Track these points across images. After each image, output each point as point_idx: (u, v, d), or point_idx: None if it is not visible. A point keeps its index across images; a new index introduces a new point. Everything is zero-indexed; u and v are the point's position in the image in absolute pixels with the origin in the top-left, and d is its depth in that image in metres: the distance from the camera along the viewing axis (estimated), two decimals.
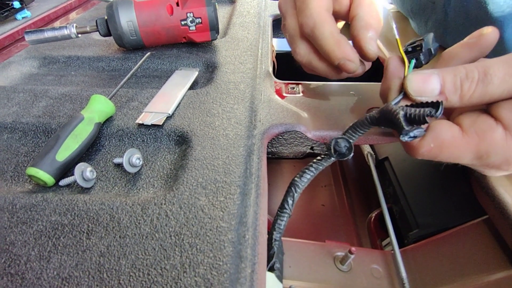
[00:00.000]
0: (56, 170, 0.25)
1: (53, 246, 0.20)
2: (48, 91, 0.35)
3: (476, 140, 0.20)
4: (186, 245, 0.20)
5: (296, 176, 0.25)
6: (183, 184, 0.24)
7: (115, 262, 0.19)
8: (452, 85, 0.21)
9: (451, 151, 0.21)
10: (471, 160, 0.21)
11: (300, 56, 0.29)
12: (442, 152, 0.21)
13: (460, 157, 0.21)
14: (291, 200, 0.25)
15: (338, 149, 0.24)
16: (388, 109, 0.22)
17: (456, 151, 0.21)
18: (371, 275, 0.29)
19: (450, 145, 0.21)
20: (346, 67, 0.26)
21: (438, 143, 0.21)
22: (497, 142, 0.20)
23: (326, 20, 0.26)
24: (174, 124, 0.30)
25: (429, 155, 0.22)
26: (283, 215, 0.24)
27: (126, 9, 0.40)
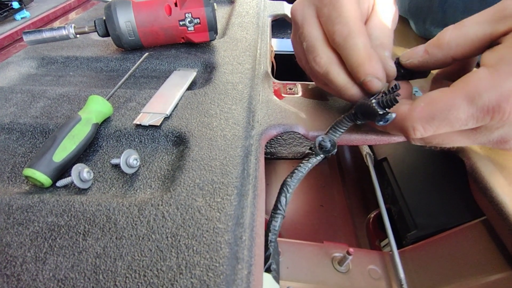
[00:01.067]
0: (53, 171, 0.25)
1: (49, 247, 0.20)
2: (46, 91, 0.35)
3: (462, 84, 0.20)
4: (183, 247, 0.20)
5: (287, 176, 0.26)
6: (180, 185, 0.24)
7: (111, 263, 0.19)
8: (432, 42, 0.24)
9: (443, 105, 0.20)
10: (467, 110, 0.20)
11: (319, 66, 0.27)
12: (435, 109, 0.21)
13: (453, 109, 0.20)
14: (284, 200, 0.25)
15: (323, 145, 0.26)
16: (362, 102, 0.25)
17: (448, 103, 0.20)
18: (369, 276, 0.29)
19: (440, 99, 0.21)
20: (371, 84, 0.24)
21: (428, 100, 0.21)
22: (483, 78, 0.19)
23: (361, 31, 0.24)
24: (172, 125, 0.30)
25: (423, 118, 0.21)
26: (277, 216, 0.24)
27: (124, 10, 0.39)
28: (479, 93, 0.19)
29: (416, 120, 0.22)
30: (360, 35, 0.24)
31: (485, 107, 0.19)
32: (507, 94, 0.18)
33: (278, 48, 0.64)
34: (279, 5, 0.60)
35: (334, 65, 0.26)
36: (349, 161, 0.55)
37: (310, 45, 0.27)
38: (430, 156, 0.38)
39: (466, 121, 0.20)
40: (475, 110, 0.19)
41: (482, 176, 0.27)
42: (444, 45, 0.23)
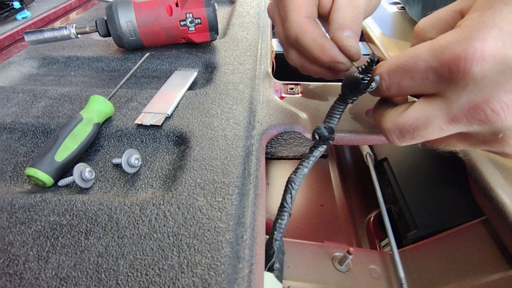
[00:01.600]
0: (55, 171, 0.25)
1: (51, 246, 0.20)
2: (47, 91, 0.35)
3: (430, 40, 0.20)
4: (184, 246, 0.20)
5: (292, 173, 0.26)
6: (182, 185, 0.24)
7: (113, 262, 0.19)
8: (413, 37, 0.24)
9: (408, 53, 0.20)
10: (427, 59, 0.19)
11: (292, 62, 0.30)
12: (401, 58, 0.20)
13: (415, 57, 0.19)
14: (290, 198, 0.25)
15: (319, 133, 0.26)
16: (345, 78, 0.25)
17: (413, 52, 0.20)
18: (369, 276, 0.29)
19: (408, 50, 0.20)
20: (336, 68, 0.27)
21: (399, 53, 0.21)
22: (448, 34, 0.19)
23: (306, 29, 0.27)
24: (173, 125, 0.30)
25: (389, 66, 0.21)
26: (283, 214, 0.24)
27: (126, 10, 0.40)
28: (439, 42, 0.19)
29: (384, 68, 0.21)
30: (306, 33, 0.26)
31: (442, 55, 0.18)
32: (463, 41, 0.17)
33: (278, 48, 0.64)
34: None
35: (303, 59, 0.29)
36: (350, 161, 0.55)
37: (281, 43, 0.30)
38: (430, 156, 0.38)
39: (426, 72, 0.19)
40: (433, 59, 0.18)
41: (482, 176, 0.27)
42: (420, 32, 0.23)
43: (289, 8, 0.28)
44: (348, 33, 0.27)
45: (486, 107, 0.18)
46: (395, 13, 0.58)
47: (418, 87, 0.20)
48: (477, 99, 0.18)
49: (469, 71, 0.17)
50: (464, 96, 0.18)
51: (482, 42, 0.17)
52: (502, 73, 0.17)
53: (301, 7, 0.28)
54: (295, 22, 0.27)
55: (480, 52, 0.17)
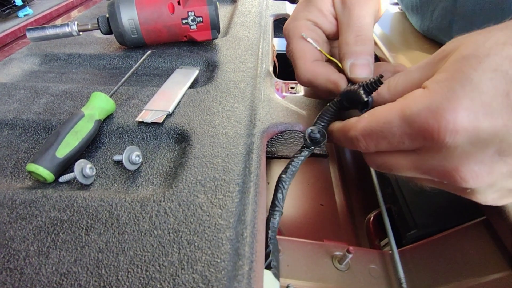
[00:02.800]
0: (56, 167, 0.25)
1: (52, 241, 0.20)
2: (49, 88, 0.35)
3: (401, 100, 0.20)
4: (185, 242, 0.20)
5: (282, 173, 0.26)
6: (182, 182, 0.24)
7: (113, 258, 0.20)
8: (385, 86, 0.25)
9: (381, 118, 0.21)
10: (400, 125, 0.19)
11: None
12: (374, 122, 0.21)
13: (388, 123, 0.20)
14: (281, 197, 0.25)
15: (313, 136, 0.27)
16: (347, 89, 0.26)
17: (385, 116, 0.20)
18: (368, 275, 0.29)
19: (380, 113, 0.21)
20: None
21: (371, 113, 0.22)
22: (417, 96, 0.19)
23: (317, 72, 0.28)
24: (174, 122, 0.30)
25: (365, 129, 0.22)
26: (275, 213, 0.25)
27: (128, 7, 0.40)
28: (411, 109, 0.19)
29: (359, 131, 0.22)
30: (318, 75, 0.28)
31: (415, 123, 0.18)
32: (435, 111, 0.18)
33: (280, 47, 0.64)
34: (281, 4, 0.60)
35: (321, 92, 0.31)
36: (350, 160, 0.55)
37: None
38: None
39: (401, 138, 0.20)
40: (407, 126, 0.19)
41: None
42: (392, 88, 0.24)
43: (295, 56, 0.29)
44: (351, 61, 0.27)
45: (456, 174, 0.18)
46: (396, 14, 0.58)
47: (395, 146, 0.21)
48: (449, 166, 0.18)
49: (442, 141, 0.18)
50: (436, 159, 0.19)
51: (454, 114, 0.17)
52: (473, 144, 0.17)
53: (306, 53, 0.29)
54: (303, 69, 0.29)
55: (453, 124, 0.17)
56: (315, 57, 0.29)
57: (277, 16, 0.57)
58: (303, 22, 0.30)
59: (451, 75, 0.18)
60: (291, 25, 0.31)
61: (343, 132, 0.24)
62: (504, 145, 0.17)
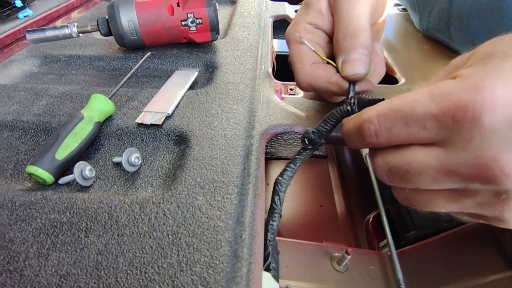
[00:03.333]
0: (56, 169, 0.25)
1: (51, 243, 0.21)
2: (48, 89, 0.35)
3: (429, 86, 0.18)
4: (183, 244, 0.20)
5: (279, 175, 0.26)
6: (181, 184, 0.24)
7: (112, 260, 0.20)
8: None
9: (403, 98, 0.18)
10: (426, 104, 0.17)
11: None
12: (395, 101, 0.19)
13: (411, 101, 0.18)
14: (279, 200, 0.25)
15: (307, 136, 0.26)
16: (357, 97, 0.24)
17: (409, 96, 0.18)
18: (367, 276, 0.29)
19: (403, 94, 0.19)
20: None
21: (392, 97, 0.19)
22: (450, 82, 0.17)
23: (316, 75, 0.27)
24: (173, 124, 0.30)
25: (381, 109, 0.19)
26: (274, 216, 0.25)
27: (127, 9, 0.40)
28: (441, 88, 0.17)
29: (373, 112, 0.19)
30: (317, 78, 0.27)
31: (445, 101, 0.16)
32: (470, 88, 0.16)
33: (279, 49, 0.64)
34: (280, 6, 0.60)
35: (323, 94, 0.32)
36: (349, 162, 0.55)
37: None
38: None
39: (423, 120, 0.17)
40: (434, 105, 0.16)
41: None
42: None
43: (294, 60, 0.29)
44: (342, 58, 0.26)
45: (494, 166, 0.15)
46: (395, 15, 0.58)
47: (413, 135, 0.18)
48: (485, 156, 0.15)
49: (478, 121, 0.15)
50: (469, 149, 0.16)
51: (491, 91, 0.15)
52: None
53: (304, 57, 0.28)
54: (302, 73, 0.28)
55: (490, 101, 0.15)
56: (314, 60, 0.28)
57: (277, 17, 0.57)
58: (303, 26, 0.30)
59: (481, 65, 0.17)
60: (290, 30, 0.30)
61: (356, 119, 0.21)
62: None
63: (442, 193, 0.19)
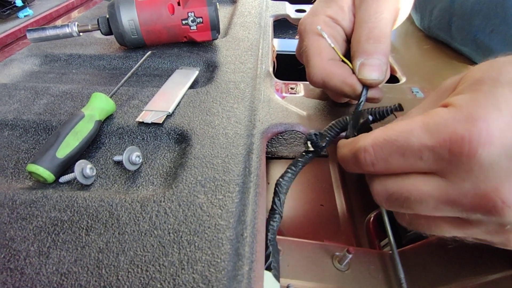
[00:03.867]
0: (56, 167, 0.25)
1: (52, 242, 0.20)
2: (49, 88, 0.35)
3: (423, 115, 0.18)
4: (185, 242, 0.20)
5: (280, 177, 0.26)
6: (182, 182, 0.24)
7: (113, 258, 0.20)
8: None
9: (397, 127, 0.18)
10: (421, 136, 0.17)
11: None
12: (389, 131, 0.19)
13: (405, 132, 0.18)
14: (279, 201, 0.25)
15: (312, 141, 0.25)
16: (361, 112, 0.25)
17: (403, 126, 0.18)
18: (368, 275, 0.29)
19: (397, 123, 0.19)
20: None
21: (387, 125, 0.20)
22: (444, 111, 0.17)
23: (333, 72, 0.26)
24: (174, 123, 0.30)
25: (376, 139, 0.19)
26: (274, 217, 0.25)
27: (128, 8, 0.40)
28: (434, 119, 0.17)
29: (369, 140, 0.19)
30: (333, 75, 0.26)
31: (440, 133, 0.16)
32: (464, 120, 0.15)
33: (280, 48, 0.64)
34: (281, 5, 0.60)
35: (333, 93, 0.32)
36: None
37: None
38: None
39: (420, 151, 0.17)
40: (429, 136, 0.16)
41: None
42: None
43: (310, 53, 0.27)
44: (361, 60, 0.25)
45: (495, 197, 0.15)
46: None
47: (411, 165, 0.18)
48: (485, 187, 0.15)
49: (475, 155, 0.15)
50: (468, 180, 0.16)
51: (486, 123, 0.15)
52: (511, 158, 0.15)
53: (323, 50, 0.27)
54: (319, 68, 0.26)
55: (486, 134, 0.15)
56: (331, 56, 0.27)
57: (277, 17, 0.57)
58: (322, 18, 0.28)
59: (471, 93, 0.17)
60: (308, 20, 0.29)
61: (351, 145, 0.21)
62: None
63: (446, 219, 0.19)
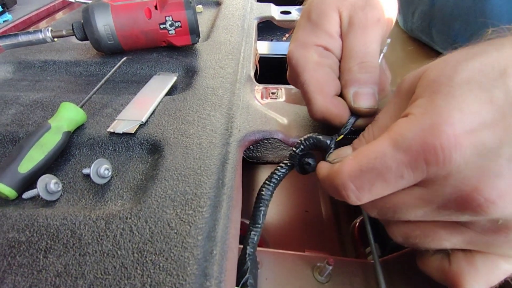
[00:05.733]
0: (18, 183, 0.24)
1: (8, 265, 0.19)
2: (19, 97, 0.34)
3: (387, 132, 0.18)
4: (149, 263, 0.19)
5: (261, 189, 0.25)
6: (151, 196, 0.23)
7: (71, 282, 0.18)
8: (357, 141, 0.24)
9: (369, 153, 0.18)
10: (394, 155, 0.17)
11: None
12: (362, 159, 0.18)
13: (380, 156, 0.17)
14: (261, 214, 0.24)
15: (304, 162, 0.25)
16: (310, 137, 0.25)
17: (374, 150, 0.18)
18: (350, 286, 0.28)
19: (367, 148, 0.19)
20: None
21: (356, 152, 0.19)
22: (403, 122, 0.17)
23: (335, 113, 0.25)
24: (147, 132, 0.29)
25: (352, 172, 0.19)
26: (255, 230, 0.24)
27: (103, 13, 0.38)
28: (402, 135, 0.17)
29: (346, 175, 0.19)
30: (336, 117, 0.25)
31: (412, 148, 0.16)
32: (431, 129, 0.16)
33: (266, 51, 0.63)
34: (266, 7, 0.59)
35: None
36: None
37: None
38: None
39: (399, 171, 0.17)
40: (403, 154, 0.17)
41: None
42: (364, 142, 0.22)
43: (310, 89, 0.26)
44: (355, 89, 0.25)
45: (478, 196, 0.15)
46: None
47: (394, 187, 0.18)
48: (466, 188, 0.16)
49: (450, 160, 0.15)
50: (449, 185, 0.16)
51: (452, 127, 0.15)
52: (483, 156, 0.15)
53: (324, 86, 0.26)
54: (320, 106, 0.25)
55: (454, 137, 0.15)
56: (334, 90, 0.26)
57: (261, 19, 0.56)
58: (314, 49, 0.27)
59: (429, 97, 0.17)
60: (300, 53, 0.27)
61: (329, 181, 0.21)
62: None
63: (441, 225, 0.19)
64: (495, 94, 0.16)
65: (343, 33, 0.27)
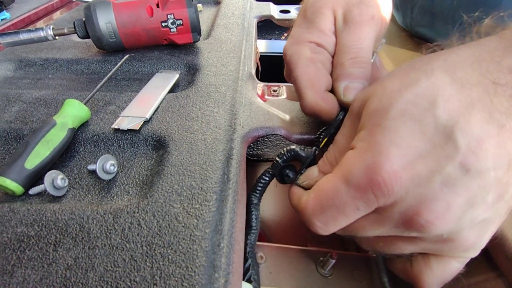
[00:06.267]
0: (25, 179, 0.24)
1: (17, 259, 0.19)
2: (22, 95, 0.34)
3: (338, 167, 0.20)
4: (158, 256, 0.20)
5: (251, 195, 0.26)
6: (158, 191, 0.24)
7: (82, 275, 0.19)
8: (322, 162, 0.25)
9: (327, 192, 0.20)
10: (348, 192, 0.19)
11: None
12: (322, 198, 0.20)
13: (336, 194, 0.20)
14: (254, 217, 0.25)
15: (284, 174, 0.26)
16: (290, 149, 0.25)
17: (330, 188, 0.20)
18: (353, 280, 0.28)
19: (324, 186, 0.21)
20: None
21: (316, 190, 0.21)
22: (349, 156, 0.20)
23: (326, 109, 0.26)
24: (152, 129, 0.29)
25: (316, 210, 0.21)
26: (251, 233, 0.25)
27: (105, 10, 0.39)
28: (351, 172, 0.19)
29: (311, 215, 0.21)
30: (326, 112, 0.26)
31: (360, 185, 0.18)
32: (372, 167, 0.18)
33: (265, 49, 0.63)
34: (265, 6, 0.60)
35: None
36: None
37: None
38: None
39: (355, 204, 0.19)
40: (354, 190, 0.19)
41: None
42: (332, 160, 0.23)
43: (302, 85, 0.27)
44: (346, 83, 0.25)
45: (419, 219, 0.18)
46: None
47: (353, 217, 0.20)
48: (409, 213, 0.18)
49: (393, 191, 0.17)
50: (396, 212, 0.19)
51: (389, 163, 0.17)
52: (419, 185, 0.17)
53: (315, 82, 0.26)
54: (310, 101, 0.26)
55: (393, 173, 0.17)
56: (324, 86, 0.27)
57: (261, 18, 0.57)
58: (307, 45, 0.28)
59: (370, 130, 0.19)
60: (293, 49, 0.28)
61: (299, 214, 0.23)
62: (445, 176, 0.17)
63: (399, 238, 0.21)
64: (426, 125, 0.17)
65: (338, 30, 0.28)
